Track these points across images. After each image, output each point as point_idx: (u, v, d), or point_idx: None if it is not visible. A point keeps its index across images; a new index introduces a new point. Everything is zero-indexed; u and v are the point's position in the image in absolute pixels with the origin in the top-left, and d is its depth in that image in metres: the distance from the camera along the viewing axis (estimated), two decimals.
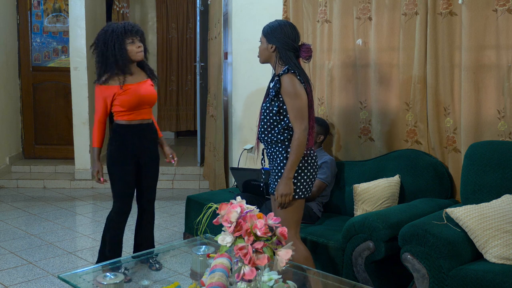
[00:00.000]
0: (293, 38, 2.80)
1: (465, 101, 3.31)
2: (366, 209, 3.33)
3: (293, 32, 2.81)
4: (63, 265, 3.79)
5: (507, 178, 2.91)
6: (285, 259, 1.90)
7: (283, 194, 2.73)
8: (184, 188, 6.16)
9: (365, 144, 3.93)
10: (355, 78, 3.93)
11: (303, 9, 4.25)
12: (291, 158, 2.72)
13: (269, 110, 2.81)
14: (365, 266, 2.93)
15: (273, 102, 2.78)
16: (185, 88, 9.03)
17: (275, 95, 2.77)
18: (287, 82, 2.72)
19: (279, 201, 2.76)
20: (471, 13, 3.23)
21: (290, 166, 2.73)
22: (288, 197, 2.74)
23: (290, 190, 2.73)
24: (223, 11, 5.20)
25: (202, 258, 2.40)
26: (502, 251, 2.57)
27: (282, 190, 2.73)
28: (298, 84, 2.73)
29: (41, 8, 6.71)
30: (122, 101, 3.28)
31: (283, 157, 2.79)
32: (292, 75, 2.73)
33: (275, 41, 2.80)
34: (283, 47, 2.78)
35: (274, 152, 2.84)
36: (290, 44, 2.78)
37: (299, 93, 2.72)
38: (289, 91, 2.72)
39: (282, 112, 2.77)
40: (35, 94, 6.82)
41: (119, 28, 3.24)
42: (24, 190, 5.97)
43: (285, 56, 2.78)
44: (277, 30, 2.80)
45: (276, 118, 2.79)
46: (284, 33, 2.79)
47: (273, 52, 2.83)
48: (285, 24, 2.82)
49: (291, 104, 2.73)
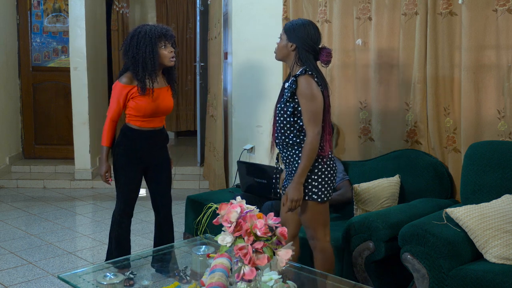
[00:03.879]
0: (315, 40, 2.70)
1: (465, 101, 3.31)
2: (366, 209, 3.32)
3: (316, 33, 2.70)
4: (63, 265, 3.79)
5: (507, 178, 2.91)
6: (285, 259, 1.90)
7: (293, 199, 2.65)
8: (184, 188, 6.16)
9: (365, 144, 3.93)
10: (355, 78, 3.93)
11: (303, 9, 4.25)
12: (303, 163, 2.64)
13: (283, 111, 2.72)
14: (365, 266, 2.93)
15: (288, 103, 2.69)
16: (185, 88, 9.03)
17: (291, 96, 2.68)
18: (304, 84, 2.63)
19: (288, 205, 2.67)
20: (471, 13, 3.23)
21: (301, 171, 2.64)
22: (298, 202, 2.66)
23: (300, 195, 2.65)
24: (223, 11, 5.20)
25: (202, 258, 2.40)
26: (502, 251, 2.57)
27: (292, 195, 2.65)
28: (315, 86, 2.64)
29: (41, 8, 6.71)
30: (139, 106, 3.15)
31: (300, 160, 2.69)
32: (309, 76, 2.64)
33: (296, 40, 2.69)
34: (304, 47, 2.67)
35: (290, 155, 2.75)
36: (311, 45, 2.68)
37: (315, 96, 2.63)
38: (305, 93, 2.63)
39: (296, 113, 2.68)
40: (35, 94, 6.82)
41: (153, 30, 3.12)
42: (24, 190, 5.97)
43: (304, 57, 2.68)
44: (300, 29, 2.69)
45: (290, 120, 2.70)
46: (307, 33, 2.67)
47: (292, 51, 2.71)
48: (308, 24, 2.71)
49: (306, 106, 2.64)
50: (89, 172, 6.20)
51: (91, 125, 6.16)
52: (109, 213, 5.07)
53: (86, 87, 6.07)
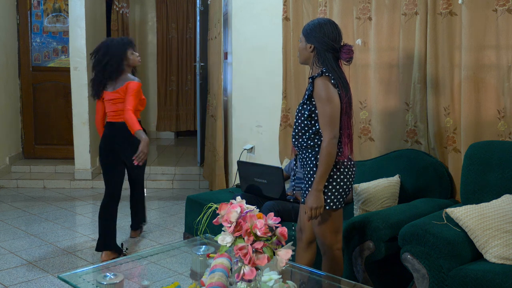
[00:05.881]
0: (333, 38, 2.60)
1: (465, 101, 3.31)
2: (366, 209, 3.32)
3: (334, 31, 2.61)
4: (63, 265, 3.79)
5: (507, 178, 2.91)
6: (285, 259, 1.90)
7: (312, 207, 2.57)
8: (184, 188, 6.16)
9: (365, 144, 3.93)
10: (355, 78, 3.93)
11: (303, 9, 4.25)
12: (320, 169, 2.55)
13: (301, 114, 2.66)
14: (365, 266, 2.93)
15: (305, 105, 2.63)
16: (185, 88, 9.03)
17: (308, 98, 2.62)
18: (320, 86, 2.55)
19: (309, 214, 2.60)
20: (471, 13, 3.23)
21: (319, 178, 2.56)
22: (319, 210, 2.58)
23: (320, 203, 2.57)
24: (223, 11, 5.20)
25: (202, 258, 2.40)
26: (502, 251, 2.57)
27: (311, 203, 2.57)
28: (331, 88, 2.55)
29: (41, 8, 6.71)
30: (143, 102, 3.92)
31: (313, 164, 2.63)
32: (325, 78, 2.56)
33: (314, 40, 2.62)
34: (322, 47, 2.60)
35: (304, 158, 2.68)
36: (329, 44, 2.59)
37: (331, 99, 2.54)
38: (320, 95, 2.55)
39: (313, 116, 2.61)
40: (35, 94, 6.82)
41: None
42: (24, 190, 5.97)
43: (323, 57, 2.60)
44: (316, 29, 2.61)
45: (307, 123, 2.63)
46: (323, 33, 2.59)
47: (311, 52, 2.64)
48: (325, 23, 2.62)
49: (322, 109, 2.55)
50: (89, 172, 6.20)
51: (91, 125, 6.16)
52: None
53: (86, 87, 6.08)
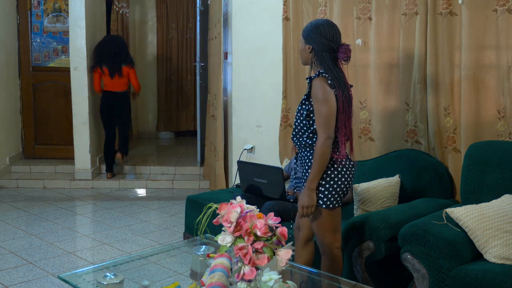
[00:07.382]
0: (330, 38, 2.61)
1: (465, 101, 3.30)
2: (366, 209, 3.32)
3: (331, 31, 2.62)
4: (63, 265, 3.79)
5: (507, 178, 2.91)
6: (285, 259, 1.90)
7: (304, 205, 2.62)
8: (184, 188, 6.16)
9: (365, 144, 3.93)
10: (355, 78, 3.93)
11: (303, 9, 4.25)
12: (313, 169, 2.59)
13: (300, 114, 2.70)
14: (365, 266, 2.93)
15: (304, 105, 2.67)
16: (185, 88, 9.03)
17: (306, 99, 2.66)
18: (316, 86, 2.58)
19: (300, 212, 2.65)
20: (471, 13, 3.23)
21: (312, 177, 2.60)
22: (310, 209, 2.62)
23: (312, 201, 2.61)
24: (223, 11, 5.20)
25: (202, 258, 2.40)
26: (502, 251, 2.57)
27: (303, 201, 2.62)
28: (327, 89, 2.56)
29: (41, 8, 6.71)
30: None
31: (311, 163, 2.65)
32: (322, 79, 2.57)
33: (312, 41, 2.64)
34: (319, 48, 2.62)
35: (303, 156, 2.72)
36: (326, 44, 2.61)
37: (327, 99, 2.56)
38: (317, 96, 2.57)
39: (312, 116, 2.65)
40: (35, 94, 6.82)
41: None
42: (24, 190, 5.97)
43: (320, 58, 2.62)
44: (313, 30, 2.64)
45: (306, 122, 2.67)
46: (320, 33, 2.61)
47: (310, 53, 2.67)
48: (322, 23, 2.64)
49: (317, 109, 2.58)
50: (89, 172, 6.20)
51: (91, 125, 6.16)
52: (109, 213, 5.07)
53: (86, 87, 6.08)
